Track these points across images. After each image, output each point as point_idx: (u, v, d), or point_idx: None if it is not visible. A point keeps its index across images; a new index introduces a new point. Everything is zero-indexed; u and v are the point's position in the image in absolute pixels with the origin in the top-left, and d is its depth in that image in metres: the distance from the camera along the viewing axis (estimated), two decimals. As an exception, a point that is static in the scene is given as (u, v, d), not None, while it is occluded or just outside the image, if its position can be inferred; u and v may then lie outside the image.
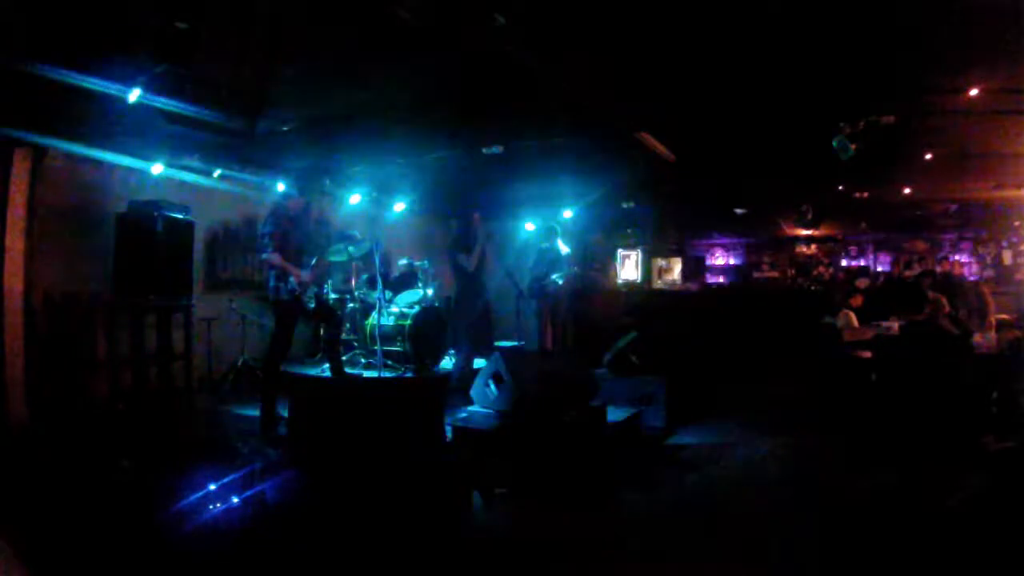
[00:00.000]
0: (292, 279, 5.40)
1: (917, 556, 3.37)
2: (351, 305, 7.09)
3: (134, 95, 4.29)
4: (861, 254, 12.81)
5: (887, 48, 4.32)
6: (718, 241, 13.76)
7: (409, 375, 6.57)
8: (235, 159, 6.84)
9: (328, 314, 6.04)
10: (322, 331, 6.86)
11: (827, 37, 4.14)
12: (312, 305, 5.60)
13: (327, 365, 6.70)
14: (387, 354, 6.60)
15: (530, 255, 8.49)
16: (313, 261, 5.76)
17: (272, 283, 5.50)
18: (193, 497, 2.91)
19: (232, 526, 2.85)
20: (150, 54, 3.76)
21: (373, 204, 8.88)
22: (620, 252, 13.60)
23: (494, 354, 5.04)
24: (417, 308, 6.96)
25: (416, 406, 3.60)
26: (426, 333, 6.89)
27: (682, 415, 6.51)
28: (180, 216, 6.05)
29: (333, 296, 7.15)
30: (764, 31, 4.05)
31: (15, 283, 5.26)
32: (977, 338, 6.29)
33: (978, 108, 5.36)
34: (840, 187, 9.04)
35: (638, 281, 13.48)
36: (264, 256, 5.50)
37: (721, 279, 13.78)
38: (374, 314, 6.62)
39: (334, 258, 7.02)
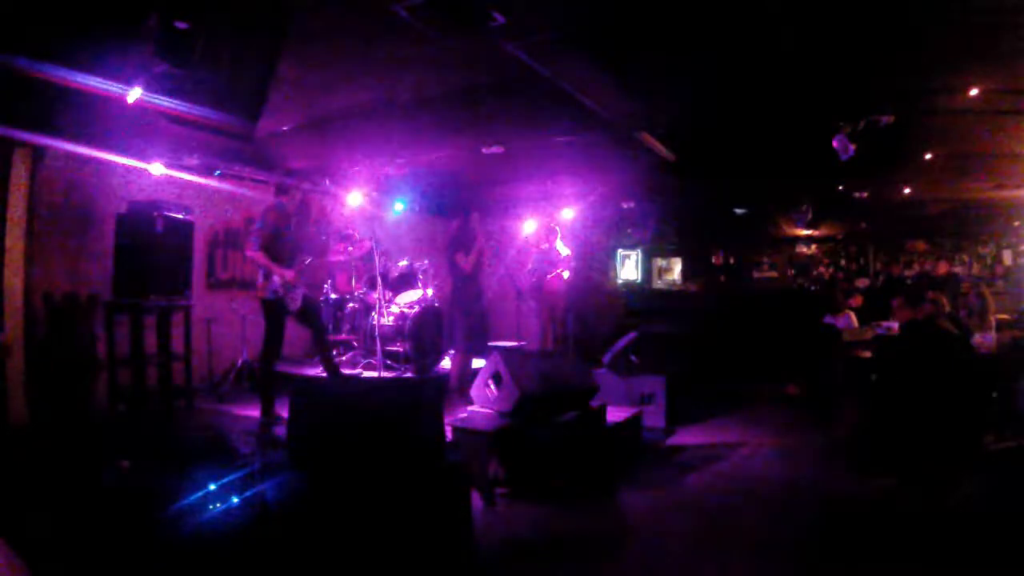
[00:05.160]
0: (276, 278, 5.41)
1: (917, 556, 3.37)
2: (351, 305, 7.09)
3: (134, 95, 4.29)
4: (861, 254, 12.81)
5: (887, 48, 4.32)
6: (718, 241, 13.74)
7: (409, 375, 6.57)
8: (235, 159, 6.85)
9: (311, 317, 5.95)
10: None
11: (827, 37, 4.14)
12: (296, 306, 5.57)
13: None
14: (387, 354, 6.59)
15: (530, 255, 8.50)
16: (308, 262, 5.75)
17: (260, 280, 5.51)
18: (193, 497, 2.91)
19: (232, 526, 2.84)
20: (150, 54, 3.76)
21: (373, 204, 8.88)
22: (620, 252, 13.61)
23: (494, 354, 5.03)
24: (417, 308, 6.96)
25: (416, 406, 3.59)
26: (426, 333, 6.89)
27: (682, 415, 6.52)
28: (180, 216, 6.05)
29: (333, 296, 7.16)
30: (764, 31, 4.05)
31: (15, 283, 5.27)
32: (977, 338, 6.29)
33: (978, 108, 5.36)
34: (840, 187, 9.04)
35: (638, 281, 13.49)
36: (248, 253, 5.51)
37: (721, 279, 13.76)
38: (374, 314, 6.62)
39: (334, 258, 7.03)
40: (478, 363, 6.60)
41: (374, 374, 6.28)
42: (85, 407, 5.56)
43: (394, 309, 6.99)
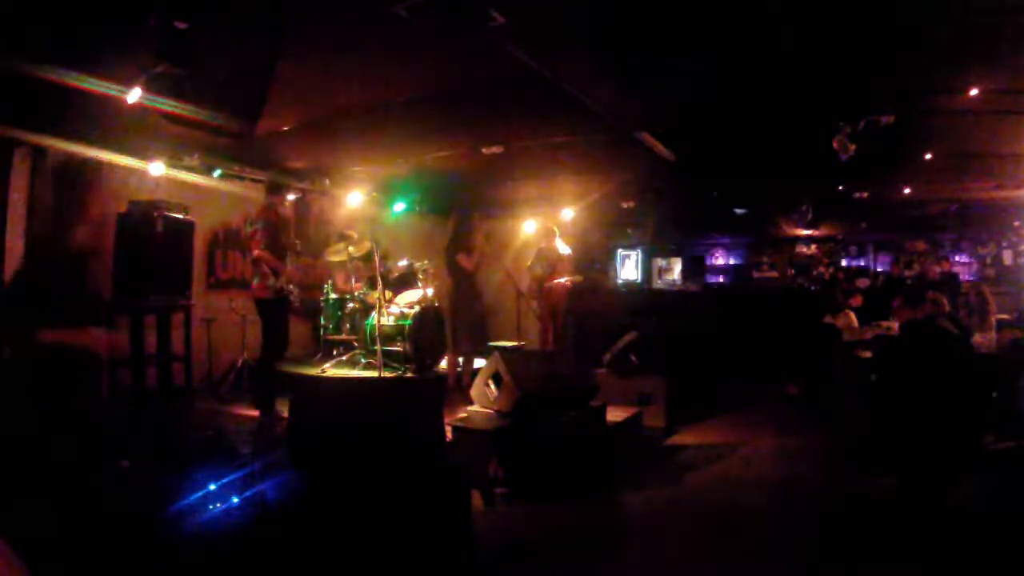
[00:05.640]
0: (282, 276, 5.43)
1: (917, 556, 3.37)
2: (351, 305, 7.09)
3: (134, 95, 4.29)
4: (861, 254, 12.82)
5: (887, 48, 4.32)
6: (718, 241, 13.74)
7: (409, 375, 6.57)
8: (235, 159, 6.84)
9: (298, 315, 5.87)
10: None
11: (828, 37, 4.14)
12: (296, 304, 5.59)
13: (328, 364, 6.70)
14: (387, 354, 6.59)
15: (529, 255, 8.50)
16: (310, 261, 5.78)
17: (257, 280, 5.52)
18: (193, 497, 2.91)
19: (232, 526, 2.84)
20: (150, 54, 3.75)
21: (373, 204, 8.87)
22: (620, 252, 13.61)
23: (494, 354, 5.04)
24: (417, 308, 6.96)
25: (416, 406, 3.60)
26: (426, 333, 6.89)
27: (682, 415, 6.52)
28: (180, 216, 6.05)
29: (333, 296, 7.15)
30: (764, 31, 4.05)
31: (15, 283, 5.27)
32: (977, 338, 6.29)
33: (978, 108, 5.36)
34: (840, 187, 9.04)
35: (638, 281, 13.49)
36: (256, 253, 5.53)
37: (721, 279, 13.77)
38: (374, 314, 6.62)
39: (334, 258, 7.03)
40: (478, 363, 6.60)
41: (374, 374, 6.27)
42: (85, 407, 5.55)
43: (394, 309, 6.98)
